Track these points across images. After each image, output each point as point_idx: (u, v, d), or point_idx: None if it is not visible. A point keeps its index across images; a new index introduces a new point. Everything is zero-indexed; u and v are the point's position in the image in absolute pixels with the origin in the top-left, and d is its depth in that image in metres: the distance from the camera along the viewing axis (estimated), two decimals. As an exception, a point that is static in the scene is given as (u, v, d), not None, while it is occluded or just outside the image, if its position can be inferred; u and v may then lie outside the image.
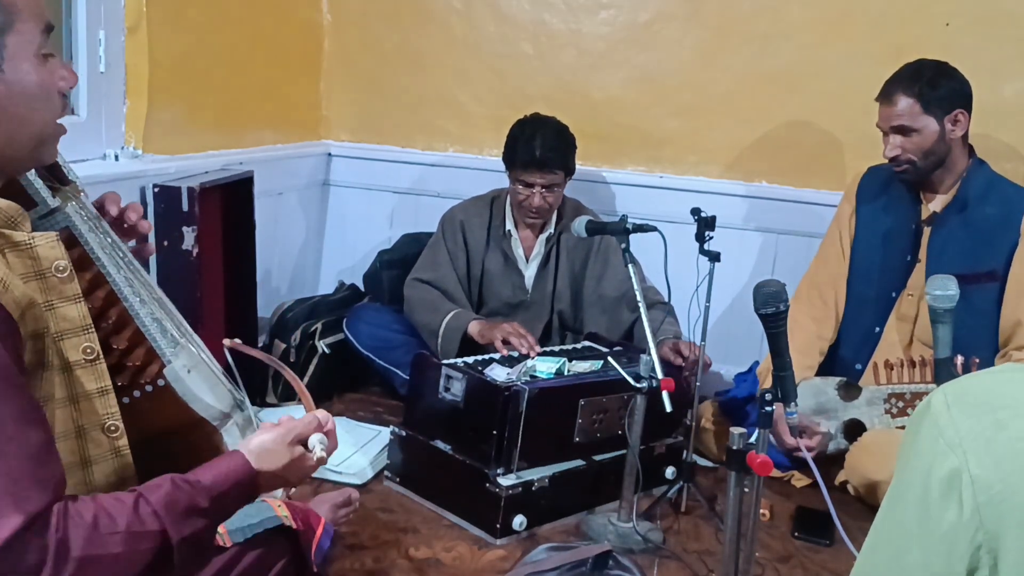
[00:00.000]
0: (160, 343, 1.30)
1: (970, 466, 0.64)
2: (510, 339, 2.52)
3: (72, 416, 1.14)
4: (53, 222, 1.23)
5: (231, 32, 2.83)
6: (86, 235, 1.25)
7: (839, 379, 2.39)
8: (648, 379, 2.07)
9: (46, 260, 1.09)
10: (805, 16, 2.98)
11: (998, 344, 2.36)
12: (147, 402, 1.28)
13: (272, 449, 1.15)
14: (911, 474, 0.69)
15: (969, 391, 0.68)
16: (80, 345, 1.13)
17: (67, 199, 1.26)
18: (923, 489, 0.67)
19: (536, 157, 2.66)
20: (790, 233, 3.07)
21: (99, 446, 1.16)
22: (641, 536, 2.12)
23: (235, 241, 2.68)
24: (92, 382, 1.15)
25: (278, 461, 1.16)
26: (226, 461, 1.13)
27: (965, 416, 0.66)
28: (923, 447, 0.68)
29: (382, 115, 3.44)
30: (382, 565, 1.95)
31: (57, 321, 1.11)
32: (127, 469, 1.19)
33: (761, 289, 1.69)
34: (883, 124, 2.37)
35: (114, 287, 1.27)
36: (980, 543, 0.63)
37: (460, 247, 2.88)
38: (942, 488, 0.65)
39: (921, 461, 0.68)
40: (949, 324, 1.95)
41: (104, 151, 2.42)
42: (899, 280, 2.46)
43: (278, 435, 1.16)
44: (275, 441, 1.16)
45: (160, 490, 1.05)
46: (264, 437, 1.16)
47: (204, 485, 1.09)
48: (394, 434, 2.32)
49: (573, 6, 3.21)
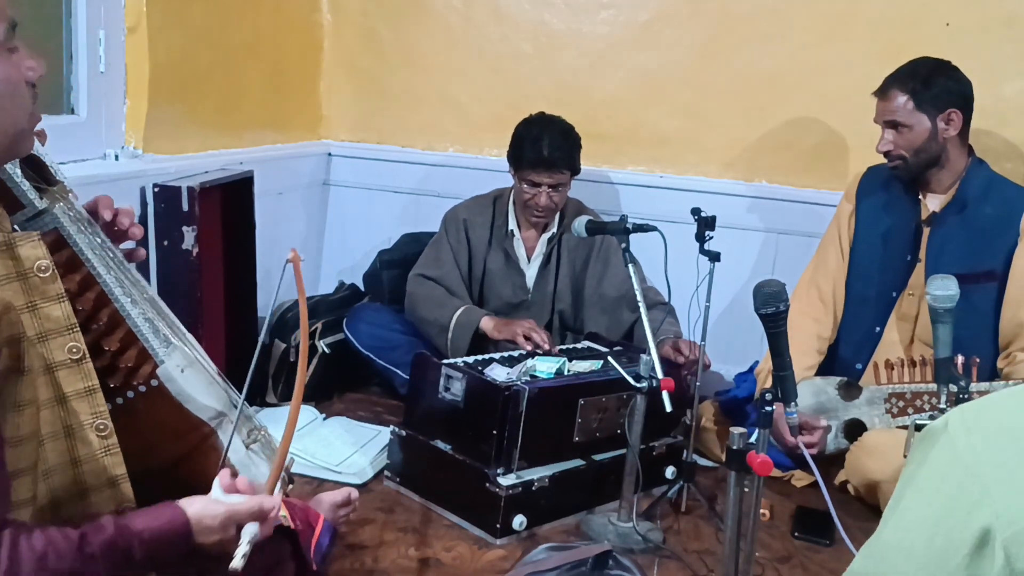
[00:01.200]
0: (152, 343, 1.29)
1: (994, 501, 0.61)
2: (531, 335, 2.54)
3: (60, 416, 1.14)
4: (41, 224, 1.23)
5: (231, 32, 2.83)
6: (75, 236, 1.25)
7: (839, 379, 2.39)
8: (648, 379, 2.07)
9: (28, 260, 1.09)
10: (805, 16, 2.98)
11: (998, 344, 2.36)
12: (141, 402, 1.28)
13: (209, 526, 1.16)
14: (919, 497, 0.67)
15: (988, 415, 0.65)
16: (65, 345, 1.13)
17: (55, 200, 1.26)
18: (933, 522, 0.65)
19: (544, 157, 2.67)
20: (790, 233, 3.07)
21: (89, 445, 1.16)
22: (641, 536, 2.12)
23: (235, 241, 2.68)
24: (79, 381, 1.14)
25: (210, 538, 1.16)
26: (169, 518, 1.14)
27: (986, 444, 0.64)
28: (937, 468, 0.66)
29: (382, 115, 3.44)
30: (382, 565, 1.95)
31: (40, 321, 1.10)
32: (118, 468, 1.19)
33: (761, 289, 1.69)
34: (877, 118, 2.41)
35: (104, 288, 1.27)
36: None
37: (463, 245, 2.88)
38: (972, 543, 0.62)
39: (934, 484, 0.66)
40: (949, 324, 1.96)
41: (104, 151, 2.42)
42: (899, 280, 2.46)
43: (217, 514, 1.16)
44: (214, 518, 1.16)
45: (104, 533, 1.06)
46: (207, 510, 1.16)
47: (143, 538, 1.09)
48: (394, 434, 2.32)
49: (573, 6, 3.21)
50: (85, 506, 1.17)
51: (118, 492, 1.20)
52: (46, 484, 1.14)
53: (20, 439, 1.09)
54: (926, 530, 0.65)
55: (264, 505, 1.20)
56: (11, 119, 1.11)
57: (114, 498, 1.20)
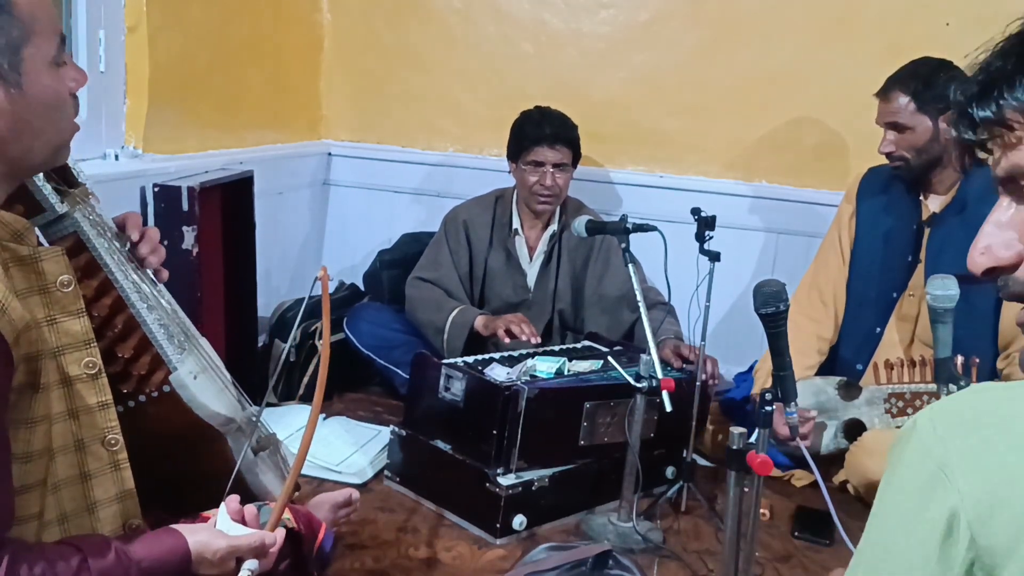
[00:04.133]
0: (166, 349, 1.29)
1: (959, 485, 0.64)
2: (511, 327, 2.55)
3: (72, 430, 1.14)
4: (61, 228, 1.23)
5: (231, 32, 2.83)
6: (94, 240, 1.25)
7: (839, 378, 2.39)
8: (648, 379, 2.07)
9: (51, 275, 1.09)
10: (805, 16, 2.98)
11: (998, 344, 2.36)
12: (152, 407, 1.28)
13: (209, 560, 1.17)
14: (896, 495, 0.70)
15: (953, 411, 0.69)
16: (82, 360, 1.13)
17: (75, 204, 1.26)
18: (910, 516, 0.67)
19: (547, 133, 2.73)
20: (790, 233, 3.07)
21: (99, 459, 1.16)
22: (641, 536, 2.12)
23: (235, 241, 2.68)
24: (92, 396, 1.15)
25: (209, 570, 1.18)
26: (170, 547, 1.14)
27: (952, 436, 0.66)
28: (911, 466, 0.69)
29: (382, 115, 3.44)
30: (382, 565, 1.95)
31: (59, 336, 1.11)
32: (126, 483, 1.19)
33: (761, 289, 1.69)
34: (879, 120, 2.40)
35: (121, 293, 1.27)
36: (972, 560, 0.64)
37: (463, 246, 2.88)
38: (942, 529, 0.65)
39: (908, 481, 0.69)
40: (949, 324, 1.95)
41: (104, 151, 2.42)
42: (900, 280, 2.46)
43: (219, 549, 1.17)
44: (215, 553, 1.17)
45: (103, 560, 1.06)
46: (209, 544, 1.17)
47: (142, 567, 1.10)
48: (394, 434, 2.32)
49: (573, 6, 3.21)
50: (92, 520, 1.17)
51: (126, 507, 1.20)
52: (54, 498, 1.14)
53: (31, 455, 1.09)
54: (904, 526, 0.68)
55: (266, 541, 1.21)
56: (57, 131, 1.13)
57: (122, 513, 1.20)
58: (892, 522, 0.69)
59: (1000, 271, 0.77)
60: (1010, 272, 0.77)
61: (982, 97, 0.76)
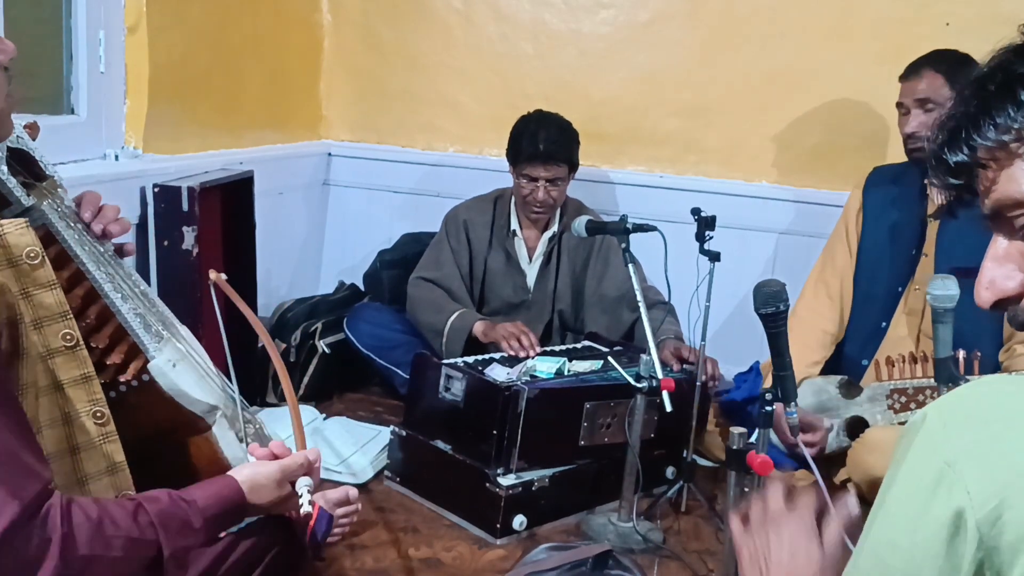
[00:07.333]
0: (143, 338, 1.29)
1: (967, 484, 0.64)
2: (512, 341, 2.53)
3: (58, 403, 1.14)
4: (29, 220, 1.22)
5: (231, 32, 2.83)
6: (63, 232, 1.24)
7: (840, 377, 2.39)
8: (648, 379, 2.07)
9: (16, 248, 1.09)
10: (805, 16, 2.98)
11: (1002, 337, 2.36)
12: (133, 396, 1.28)
13: (264, 484, 1.19)
14: (901, 492, 0.69)
15: (962, 406, 0.68)
16: (60, 332, 1.13)
17: (43, 196, 1.26)
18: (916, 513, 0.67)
19: (540, 151, 2.68)
20: (790, 233, 3.07)
21: (86, 433, 1.16)
22: (641, 536, 2.12)
23: (235, 241, 2.68)
24: (75, 368, 1.14)
25: (267, 496, 1.20)
26: (221, 485, 1.17)
27: (960, 433, 0.66)
28: (918, 462, 0.68)
29: (382, 115, 3.44)
30: (382, 565, 1.95)
31: (35, 308, 1.11)
32: (116, 455, 1.19)
33: (761, 289, 1.69)
34: (905, 99, 2.35)
35: (94, 284, 1.27)
36: (982, 560, 0.64)
37: (463, 246, 2.88)
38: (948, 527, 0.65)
39: (914, 478, 0.68)
40: (949, 324, 1.95)
41: (104, 151, 2.42)
42: (905, 274, 2.45)
43: (271, 472, 1.20)
44: (267, 477, 1.20)
45: (159, 503, 1.07)
46: (258, 470, 1.20)
47: (199, 506, 1.11)
48: (394, 434, 2.32)
49: (573, 6, 3.21)
50: (84, 493, 1.17)
51: (117, 479, 1.20)
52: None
53: None
54: (909, 523, 0.67)
55: (309, 457, 1.27)
56: None
57: (113, 485, 1.20)
58: (897, 517, 0.69)
59: (1007, 302, 0.79)
60: (1017, 302, 0.78)
61: (953, 142, 0.79)
